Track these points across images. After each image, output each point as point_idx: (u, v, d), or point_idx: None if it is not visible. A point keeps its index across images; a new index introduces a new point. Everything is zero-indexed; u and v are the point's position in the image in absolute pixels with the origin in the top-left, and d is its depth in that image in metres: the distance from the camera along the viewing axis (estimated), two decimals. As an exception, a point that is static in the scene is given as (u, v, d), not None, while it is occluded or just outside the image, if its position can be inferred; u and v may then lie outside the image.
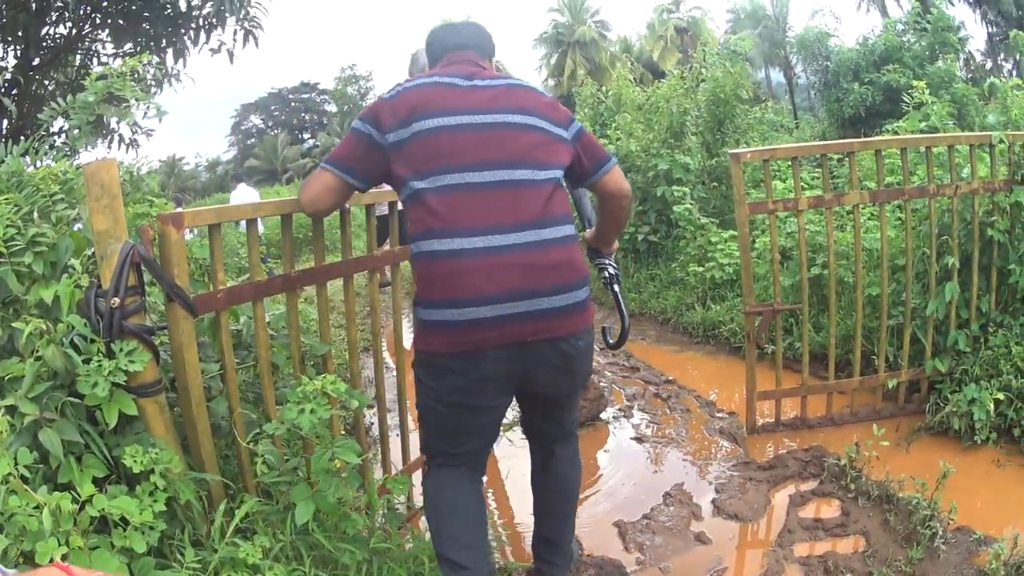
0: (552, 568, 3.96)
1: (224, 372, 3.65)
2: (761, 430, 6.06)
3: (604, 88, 16.14)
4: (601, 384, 7.16)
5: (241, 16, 11.60)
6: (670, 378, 7.74)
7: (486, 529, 3.79)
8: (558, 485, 3.92)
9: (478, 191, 3.16)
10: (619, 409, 6.95)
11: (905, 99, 9.17)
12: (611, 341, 4.28)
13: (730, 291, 9.66)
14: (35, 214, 3.68)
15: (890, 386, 5.96)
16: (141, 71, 4.22)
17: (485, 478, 4.05)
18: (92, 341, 3.15)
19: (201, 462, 3.46)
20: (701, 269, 10.01)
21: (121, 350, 3.14)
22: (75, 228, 3.68)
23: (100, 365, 3.07)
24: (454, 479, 3.58)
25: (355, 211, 4.74)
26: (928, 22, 16.76)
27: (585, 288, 3.32)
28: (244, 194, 16.71)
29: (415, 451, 4.95)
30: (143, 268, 3.23)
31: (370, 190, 3.65)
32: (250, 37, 11.77)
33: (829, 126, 18.21)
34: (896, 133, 10.61)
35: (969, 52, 18.67)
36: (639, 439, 6.26)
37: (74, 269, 3.38)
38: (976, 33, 40.32)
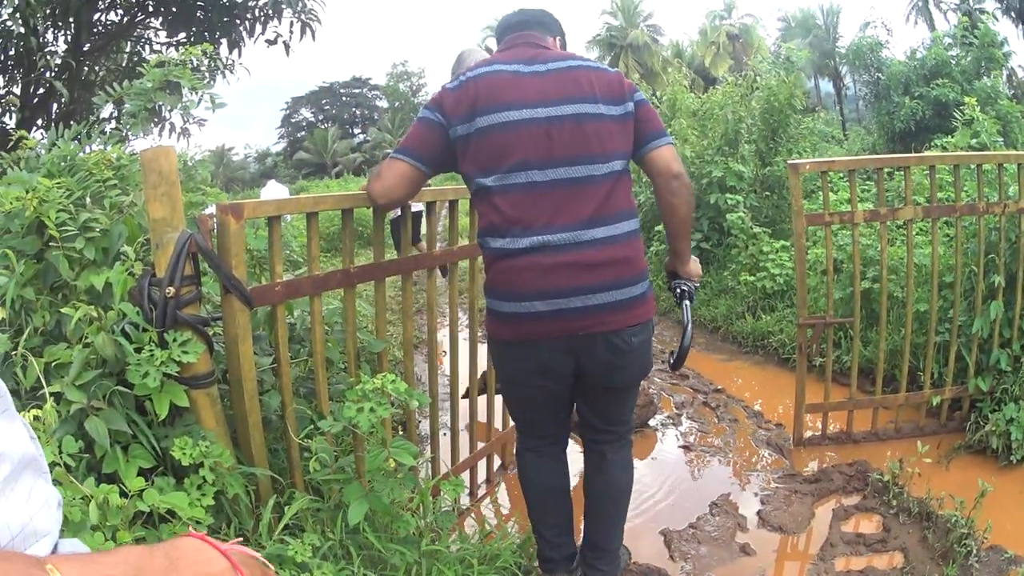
0: (598, 573, 3.96)
1: (278, 366, 3.60)
2: (807, 443, 6.01)
3: (658, 93, 16.04)
4: (651, 391, 7.12)
5: (298, 8, 11.57)
6: (719, 387, 7.69)
7: (569, 506, 4.02)
8: (609, 490, 3.93)
9: (538, 190, 3.24)
10: (667, 416, 6.90)
11: (954, 114, 9.08)
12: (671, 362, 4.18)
13: (780, 301, 9.61)
14: (88, 199, 3.64)
15: (934, 403, 5.89)
16: (197, 61, 4.19)
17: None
18: (144, 330, 3.10)
19: (251, 456, 3.42)
20: (752, 279, 9.96)
21: (175, 340, 3.10)
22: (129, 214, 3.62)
23: (152, 355, 3.02)
24: (538, 464, 3.91)
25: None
26: (975, 36, 16.52)
27: (642, 283, 3.38)
28: (274, 191, 16.74)
29: (464, 451, 5.06)
30: (199, 258, 3.19)
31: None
32: (307, 30, 11.74)
33: (879, 139, 17.97)
34: (945, 149, 10.47)
35: (1011, 68, 18.38)
36: (687, 447, 6.23)
37: (127, 256, 3.34)
38: (1019, 49, 39.81)
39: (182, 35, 12.52)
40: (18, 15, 9.82)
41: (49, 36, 11.73)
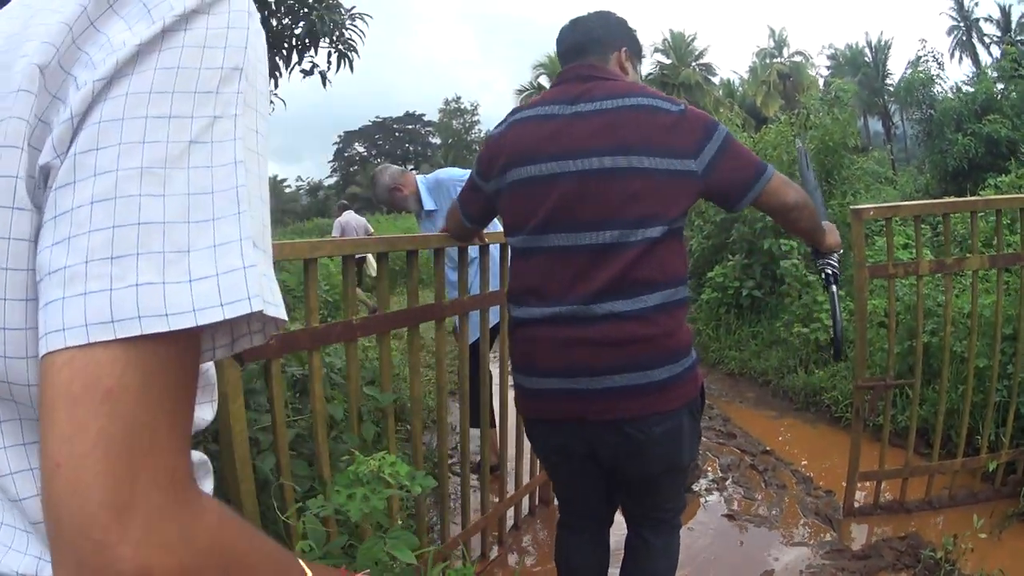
0: None
1: (274, 426, 3.29)
2: (858, 512, 5.55)
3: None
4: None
5: (335, 37, 11.41)
6: (767, 448, 7.25)
7: None
8: None
9: (560, 255, 2.90)
10: (712, 480, 6.48)
11: (1006, 151, 8.72)
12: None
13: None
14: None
15: (990, 468, 5.44)
16: None
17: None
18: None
19: None
20: (806, 330, 9.48)
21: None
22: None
23: None
24: (572, 542, 3.53)
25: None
26: (1023, 68, 15.99)
27: (667, 367, 2.85)
28: (351, 223, 16.41)
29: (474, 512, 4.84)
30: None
31: None
32: (344, 61, 11.56)
33: (931, 178, 17.46)
34: (999, 188, 10.01)
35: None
36: (731, 516, 5.79)
37: None
38: None
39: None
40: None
41: None
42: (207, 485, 1.11)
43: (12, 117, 0.83)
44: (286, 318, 0.87)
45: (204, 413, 1.05)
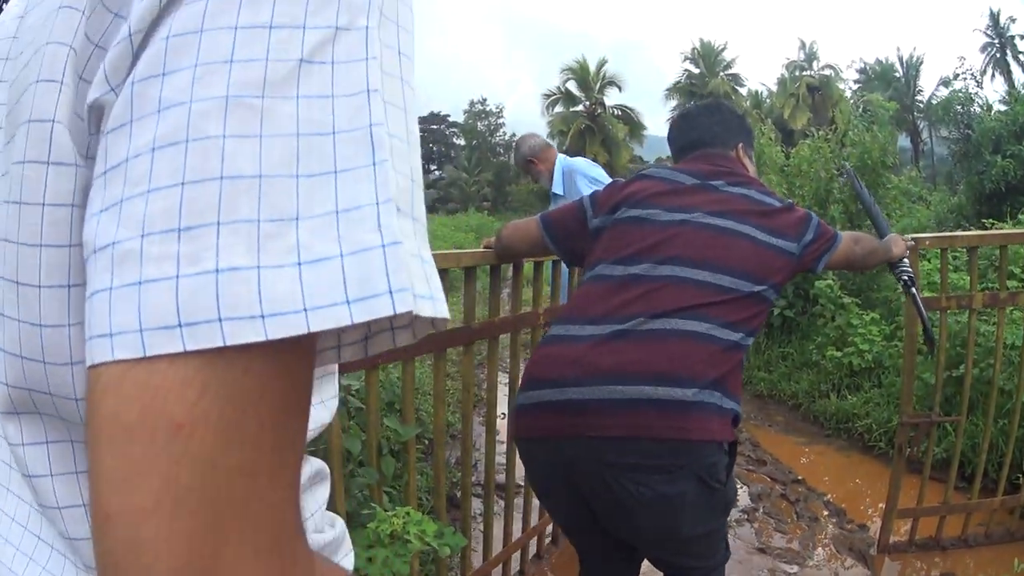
0: None
1: None
2: (892, 549, 5.32)
3: (740, 146, 15.55)
4: None
5: None
6: (799, 477, 7.03)
7: None
8: None
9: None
10: (742, 511, 6.23)
11: None
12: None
13: (867, 380, 8.88)
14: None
15: (1028, 507, 5.23)
16: None
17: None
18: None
19: None
20: (839, 354, 9.20)
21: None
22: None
23: None
24: None
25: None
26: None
27: (695, 390, 2.58)
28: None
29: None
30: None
31: None
32: None
33: (966, 200, 17.20)
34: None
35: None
36: (762, 550, 5.56)
37: None
38: None
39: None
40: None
41: None
42: (322, 493, 0.95)
43: (50, 43, 0.61)
44: (447, 315, 0.60)
45: (320, 415, 0.86)
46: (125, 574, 0.48)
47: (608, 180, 5.57)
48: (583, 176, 6.39)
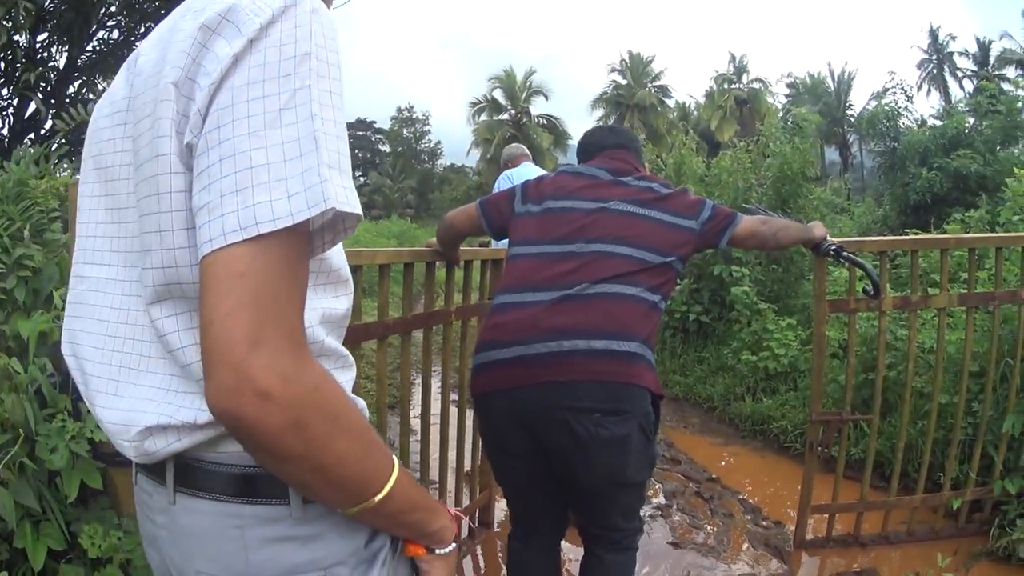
0: None
1: None
2: (809, 544, 5.46)
3: (663, 156, 15.72)
4: None
5: None
6: (713, 476, 7.15)
7: None
8: None
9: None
10: (656, 508, 6.37)
11: (975, 186, 8.70)
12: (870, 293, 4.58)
13: (782, 384, 9.06)
14: (27, 232, 3.20)
15: (954, 506, 5.40)
16: None
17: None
18: (63, 392, 2.65)
19: None
20: (754, 358, 9.39)
21: (89, 411, 2.61)
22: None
23: (64, 427, 2.60)
24: (522, 557, 3.69)
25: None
26: (1001, 103, 16.00)
27: (633, 342, 3.20)
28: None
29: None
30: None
31: None
32: None
33: (891, 211, 17.46)
34: (966, 223, 10.02)
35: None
36: (676, 544, 5.69)
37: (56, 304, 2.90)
38: None
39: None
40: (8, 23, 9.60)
41: (54, 51, 11.96)
42: (349, 375, 1.52)
43: (162, 118, 1.27)
44: (358, 212, 1.27)
45: (340, 304, 1.49)
46: (216, 346, 1.12)
47: None
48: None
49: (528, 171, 7.85)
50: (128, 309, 1.47)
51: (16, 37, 10.48)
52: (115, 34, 12.60)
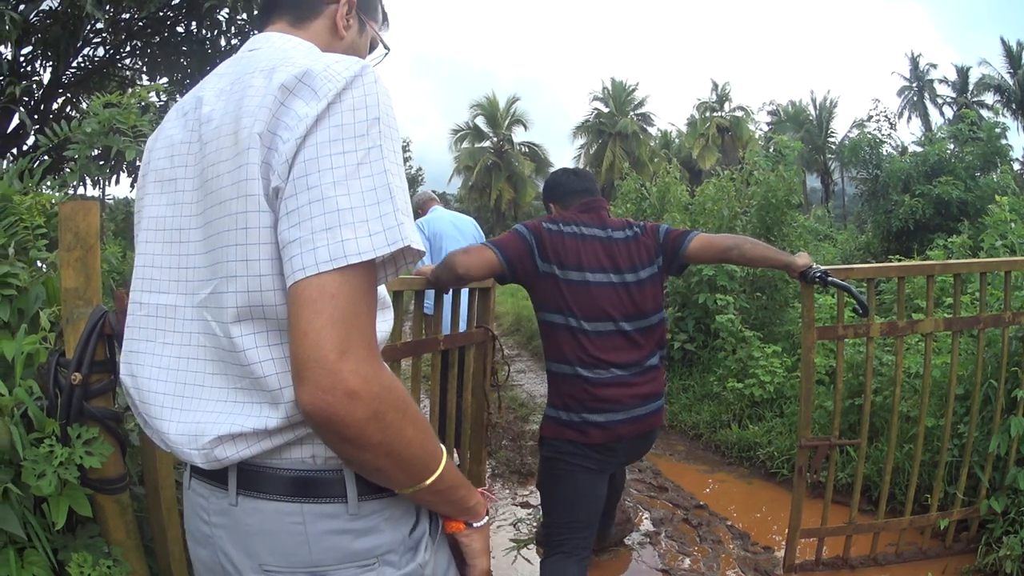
0: None
1: None
2: (799, 569, 5.42)
3: (647, 184, 15.72)
4: (627, 504, 6.59)
5: None
6: (701, 503, 7.11)
7: None
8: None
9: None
10: (644, 535, 6.33)
11: (957, 212, 8.70)
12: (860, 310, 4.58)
13: (768, 411, 9.03)
14: (11, 250, 3.17)
15: (941, 526, 5.40)
16: (158, 103, 3.78)
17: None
18: (51, 416, 2.61)
19: (169, 573, 2.96)
20: (740, 385, 9.36)
21: (79, 436, 2.60)
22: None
23: (51, 452, 2.56)
24: (576, 569, 4.31)
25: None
26: (981, 129, 16.00)
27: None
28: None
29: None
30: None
31: None
32: None
33: (874, 238, 17.44)
34: (948, 249, 10.03)
35: (1009, 162, 17.93)
36: (665, 571, 5.66)
37: (43, 325, 2.86)
38: (1017, 144, 40.65)
39: (164, 80, 12.51)
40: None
41: (38, 65, 11.93)
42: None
43: (248, 163, 1.49)
44: (424, 249, 1.56)
45: (385, 326, 1.78)
46: (311, 354, 1.38)
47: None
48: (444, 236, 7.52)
49: (439, 215, 7.97)
50: (190, 332, 1.69)
51: (1, 48, 10.49)
52: (100, 51, 12.69)
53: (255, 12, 11.07)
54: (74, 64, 12.25)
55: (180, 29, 12.57)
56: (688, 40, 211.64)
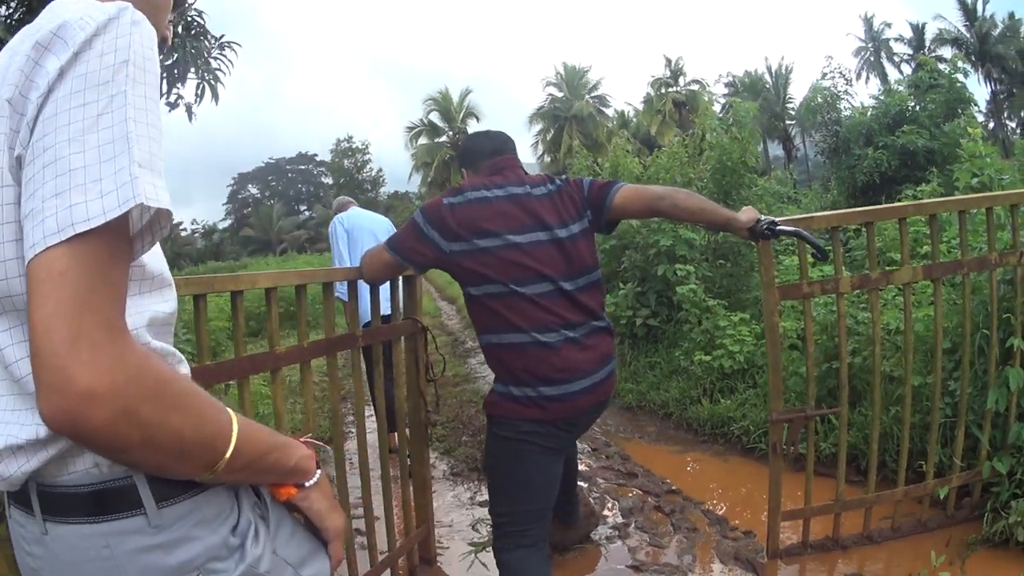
0: None
1: None
2: (785, 554, 5.00)
3: (599, 161, 15.41)
4: (592, 495, 6.22)
5: (202, 70, 11.09)
6: (673, 487, 6.67)
7: None
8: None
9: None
10: (612, 528, 5.87)
11: (923, 161, 8.44)
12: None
13: (741, 382, 8.67)
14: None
15: (940, 495, 4.98)
16: None
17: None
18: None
19: None
20: (708, 358, 9.00)
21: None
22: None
23: None
24: (536, 560, 4.04)
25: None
26: (942, 76, 15.86)
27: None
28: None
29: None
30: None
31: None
32: (208, 91, 11.34)
33: (839, 195, 17.36)
34: (918, 199, 9.68)
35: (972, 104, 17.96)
36: (636, 567, 5.19)
37: None
38: (977, 92, 40.98)
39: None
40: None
41: None
42: (183, 370, 1.58)
43: None
44: (167, 207, 1.33)
45: (166, 307, 1.56)
46: (41, 351, 1.16)
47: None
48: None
49: (356, 212, 8.47)
50: None
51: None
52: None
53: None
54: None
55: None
56: (639, 18, 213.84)
